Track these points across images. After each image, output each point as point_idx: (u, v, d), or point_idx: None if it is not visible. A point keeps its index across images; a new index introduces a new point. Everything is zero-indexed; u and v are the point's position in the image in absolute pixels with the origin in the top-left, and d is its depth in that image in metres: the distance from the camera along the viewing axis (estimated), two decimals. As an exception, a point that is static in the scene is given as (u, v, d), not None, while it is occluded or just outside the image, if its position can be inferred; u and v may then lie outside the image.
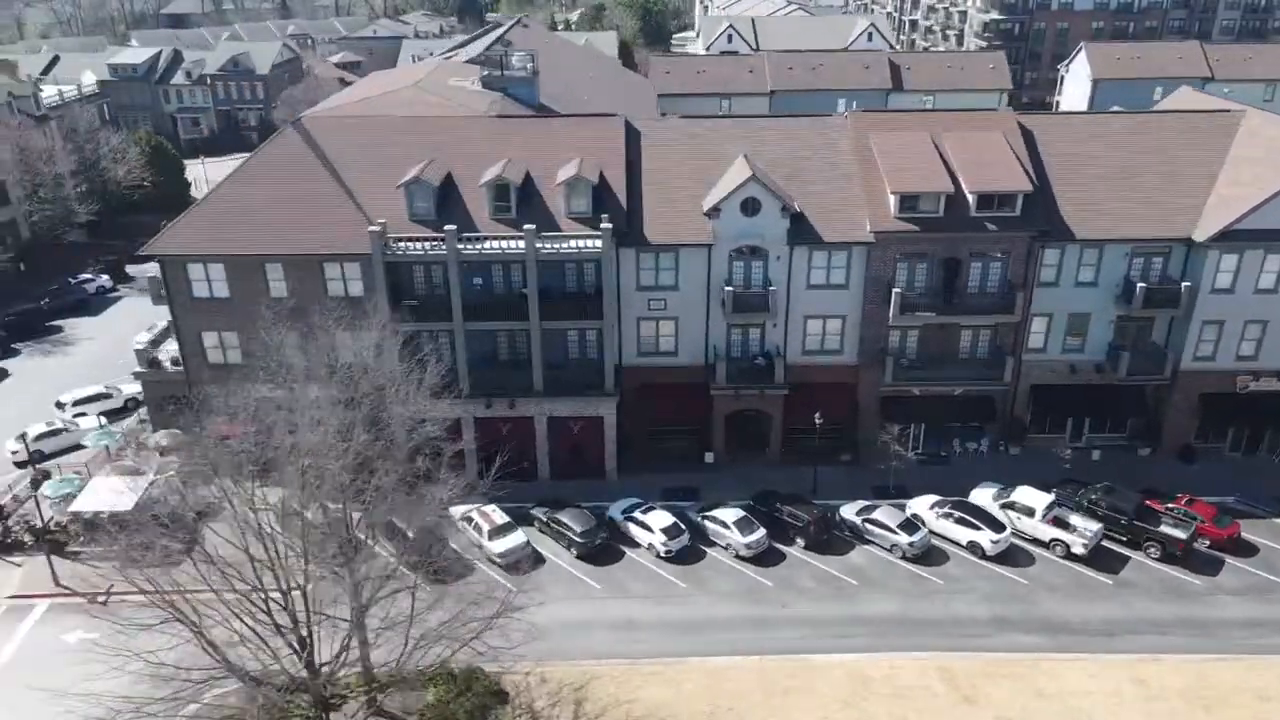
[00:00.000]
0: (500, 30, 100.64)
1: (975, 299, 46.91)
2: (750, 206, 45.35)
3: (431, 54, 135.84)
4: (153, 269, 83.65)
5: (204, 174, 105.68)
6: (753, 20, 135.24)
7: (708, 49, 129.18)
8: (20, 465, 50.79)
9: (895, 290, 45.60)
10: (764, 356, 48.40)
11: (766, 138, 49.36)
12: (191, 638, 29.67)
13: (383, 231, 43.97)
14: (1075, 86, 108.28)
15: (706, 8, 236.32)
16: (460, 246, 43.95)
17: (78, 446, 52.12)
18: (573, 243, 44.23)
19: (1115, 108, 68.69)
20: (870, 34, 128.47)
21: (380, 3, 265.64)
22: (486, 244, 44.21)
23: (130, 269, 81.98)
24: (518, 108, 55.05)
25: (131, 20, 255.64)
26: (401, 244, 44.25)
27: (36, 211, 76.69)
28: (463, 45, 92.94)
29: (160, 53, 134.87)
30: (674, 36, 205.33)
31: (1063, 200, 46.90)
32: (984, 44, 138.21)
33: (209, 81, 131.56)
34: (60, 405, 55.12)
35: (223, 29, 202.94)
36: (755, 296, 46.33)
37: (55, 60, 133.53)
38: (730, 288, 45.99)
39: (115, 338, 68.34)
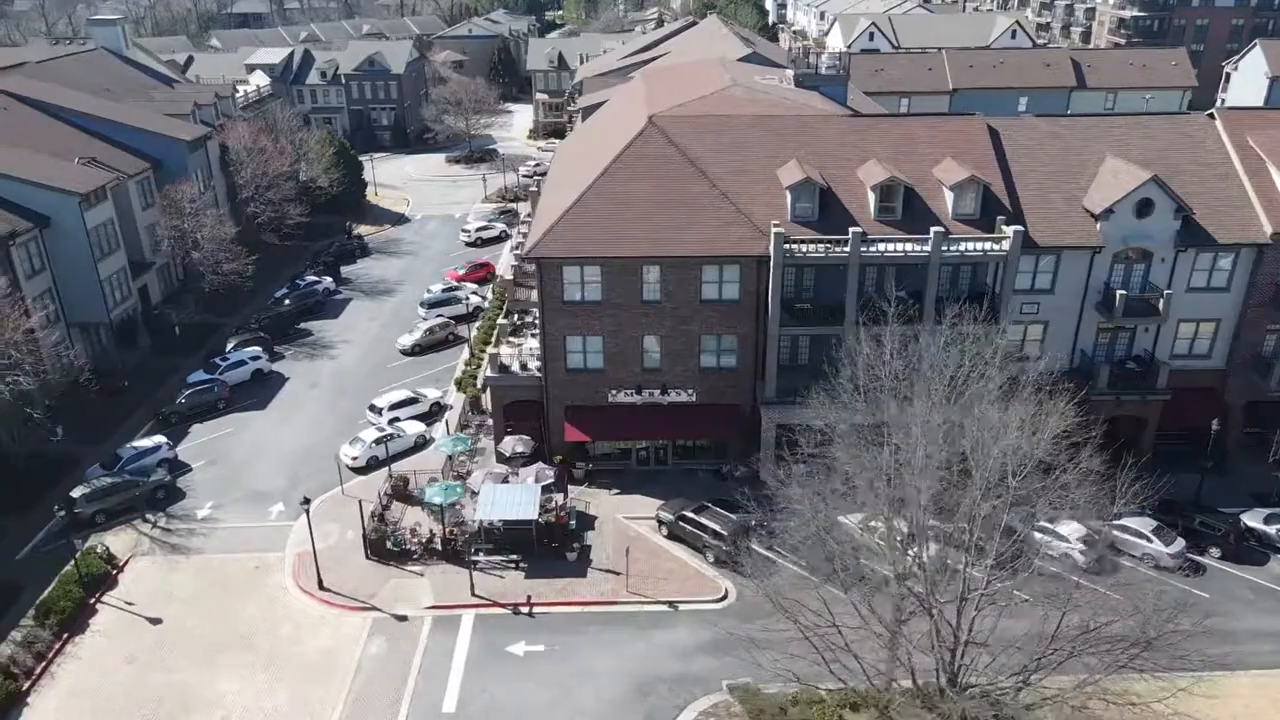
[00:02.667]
0: (686, 26, 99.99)
1: (1367, 301, 45.75)
2: (1144, 208, 44.28)
3: (563, 56, 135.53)
4: (362, 268, 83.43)
5: (373, 174, 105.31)
6: (889, 18, 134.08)
7: (848, 47, 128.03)
8: (358, 471, 50.00)
9: (1300, 293, 44.45)
10: (1134, 361, 47.35)
11: (1128, 138, 48.22)
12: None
13: (786, 234, 43.01)
14: (1247, 84, 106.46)
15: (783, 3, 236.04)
16: (862, 249, 43.00)
17: (407, 451, 51.22)
18: (976, 245, 43.22)
19: None
20: (1014, 32, 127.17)
21: (447, 3, 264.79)
22: (889, 246, 43.21)
23: (344, 270, 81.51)
24: (838, 108, 54.02)
25: (201, 20, 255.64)
26: (800, 246, 43.27)
27: (261, 213, 75.85)
28: (657, 43, 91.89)
29: (292, 52, 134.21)
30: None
31: None
32: (1120, 41, 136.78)
33: (344, 81, 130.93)
34: (377, 410, 54.27)
35: (297, 29, 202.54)
36: (1144, 300, 45.24)
37: (190, 60, 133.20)
38: (1123, 291, 44.85)
39: (371, 339, 67.71)
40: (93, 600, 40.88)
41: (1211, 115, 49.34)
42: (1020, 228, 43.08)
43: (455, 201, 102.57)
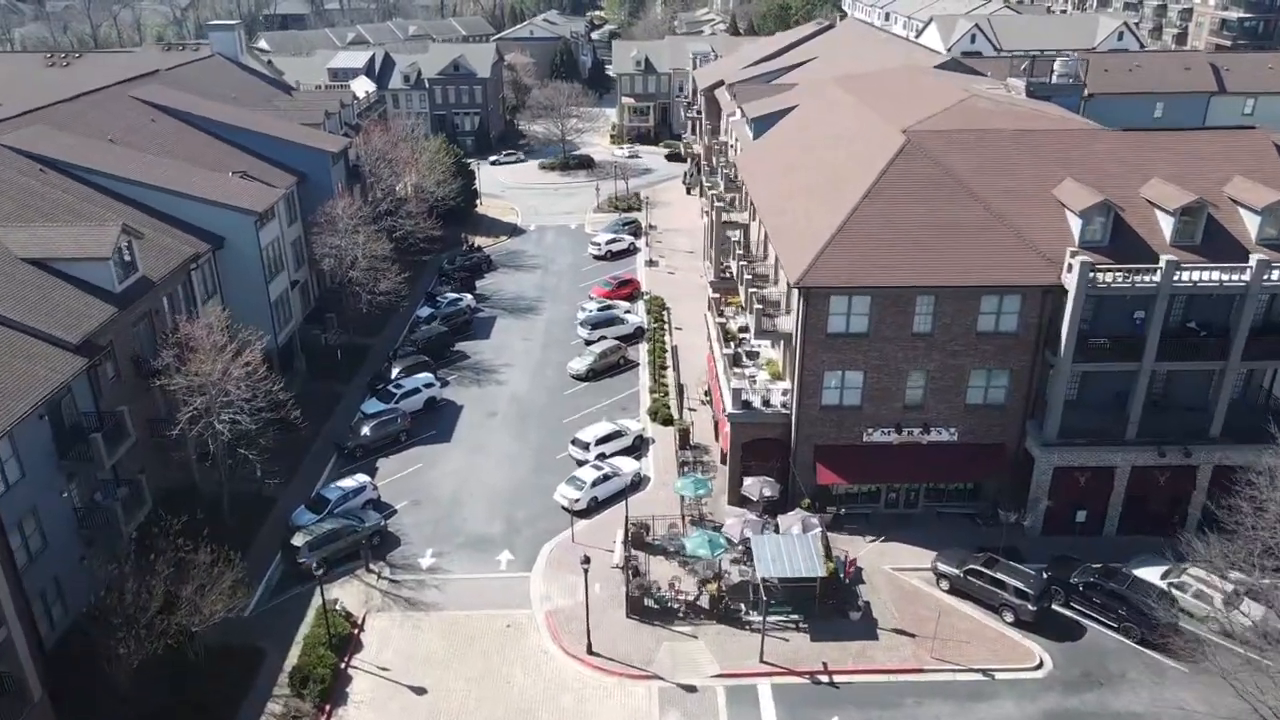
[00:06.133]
0: (821, 29, 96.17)
1: None
2: None
3: (649, 60, 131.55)
4: (493, 283, 79.55)
5: (480, 183, 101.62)
6: (989, 19, 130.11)
7: (949, 50, 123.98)
8: (579, 515, 46.33)
9: None
10: None
11: None
12: None
13: (1093, 262, 39.26)
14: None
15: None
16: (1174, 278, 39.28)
17: (624, 492, 47.25)
18: (1302, 274, 39.48)
19: None
20: (1121, 33, 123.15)
21: (489, 3, 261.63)
22: (1202, 275, 39.46)
23: (476, 285, 77.93)
24: (1086, 120, 50.26)
25: (244, 21, 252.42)
26: (1105, 275, 39.49)
27: (400, 227, 72.06)
28: (789, 48, 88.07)
29: (373, 55, 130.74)
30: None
31: None
32: (1224, 43, 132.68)
33: (427, 85, 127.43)
34: (582, 445, 50.53)
35: (343, 30, 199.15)
36: None
37: (269, 65, 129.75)
38: None
39: (534, 362, 64.06)
40: (343, 664, 37.32)
41: None
42: (1357, 252, 39.36)
43: (565, 211, 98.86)
